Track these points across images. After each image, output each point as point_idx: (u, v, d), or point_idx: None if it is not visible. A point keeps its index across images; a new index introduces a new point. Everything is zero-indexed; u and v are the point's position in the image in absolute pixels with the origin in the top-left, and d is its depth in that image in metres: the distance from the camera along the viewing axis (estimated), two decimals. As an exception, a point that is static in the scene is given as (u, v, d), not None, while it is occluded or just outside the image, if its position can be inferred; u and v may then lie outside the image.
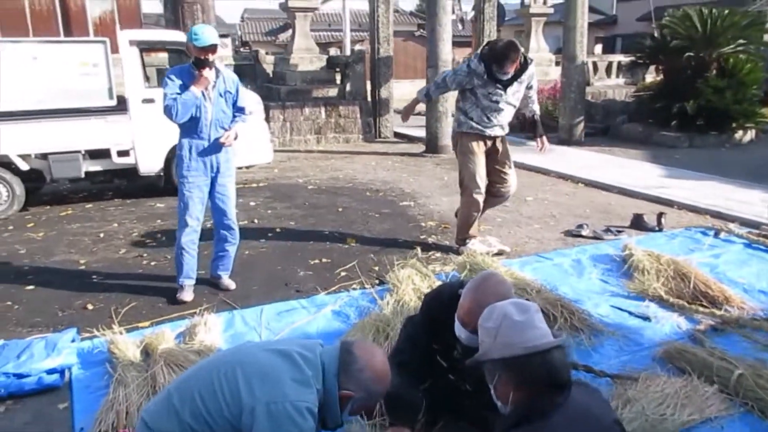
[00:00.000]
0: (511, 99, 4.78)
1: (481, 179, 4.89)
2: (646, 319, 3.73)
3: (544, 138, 5.14)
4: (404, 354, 2.54)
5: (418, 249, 5.08)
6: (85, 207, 6.88)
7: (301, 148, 11.33)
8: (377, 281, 4.38)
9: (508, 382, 1.70)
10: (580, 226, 5.61)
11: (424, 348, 2.47)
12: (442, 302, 2.45)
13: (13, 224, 6.24)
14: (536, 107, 5.13)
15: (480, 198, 4.93)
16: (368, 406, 2.01)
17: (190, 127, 3.97)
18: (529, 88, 4.90)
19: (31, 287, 4.45)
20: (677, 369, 3.09)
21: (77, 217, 6.49)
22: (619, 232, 5.50)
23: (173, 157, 7.14)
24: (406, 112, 5.29)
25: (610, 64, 14.80)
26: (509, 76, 4.62)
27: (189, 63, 3.95)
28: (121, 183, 7.46)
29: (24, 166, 6.49)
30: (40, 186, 7.21)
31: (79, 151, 6.69)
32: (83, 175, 6.77)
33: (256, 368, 1.87)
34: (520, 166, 8.92)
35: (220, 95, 4.01)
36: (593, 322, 3.60)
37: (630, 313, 3.83)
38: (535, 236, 5.55)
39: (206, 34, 3.78)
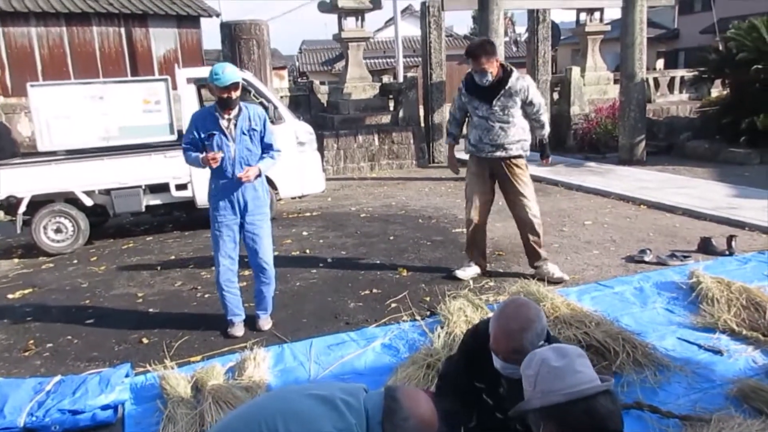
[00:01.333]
0: (500, 115, 4.58)
1: (475, 201, 4.88)
2: (718, 353, 3.48)
3: (549, 159, 5.15)
4: (443, 396, 2.44)
5: (471, 279, 4.95)
6: (146, 240, 7.09)
7: (354, 175, 11.39)
8: (428, 313, 4.28)
9: (574, 429, 1.59)
10: (643, 251, 5.34)
11: (465, 387, 2.37)
12: (478, 337, 2.35)
13: (78, 258, 6.48)
14: (545, 131, 4.90)
15: (473, 218, 4.90)
16: None
17: (215, 167, 3.93)
18: (528, 104, 4.66)
19: (90, 321, 4.58)
20: (753, 409, 2.85)
21: (138, 250, 6.69)
22: (686, 257, 5.20)
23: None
24: (452, 165, 5.24)
25: (672, 80, 14.31)
26: (486, 78, 4.44)
27: (213, 104, 3.97)
28: (179, 215, 7.67)
29: (88, 202, 6.76)
30: (104, 220, 7.51)
31: (140, 186, 6.92)
32: (144, 209, 6.99)
33: (298, 417, 1.80)
34: (577, 188, 8.70)
35: (243, 133, 3.95)
36: (659, 357, 3.37)
37: (699, 346, 3.58)
38: (594, 263, 5.32)
39: (227, 73, 3.78)
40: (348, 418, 1.80)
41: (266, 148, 4.10)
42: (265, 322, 4.26)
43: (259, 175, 4.03)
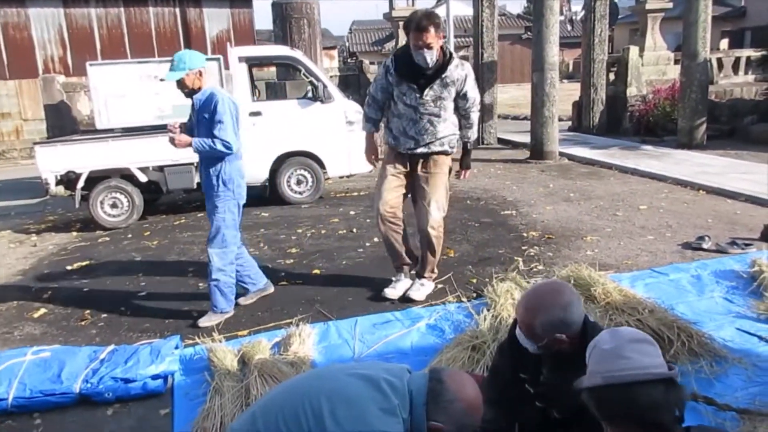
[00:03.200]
0: (431, 107, 3.88)
1: (386, 197, 4.10)
2: (780, 345, 3.31)
3: (468, 172, 4.30)
4: (489, 387, 2.40)
5: (520, 261, 4.85)
6: (197, 216, 7.23)
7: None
8: (474, 295, 4.21)
9: (599, 415, 1.56)
10: (701, 238, 5.12)
11: (510, 378, 2.32)
12: None
13: (132, 233, 6.67)
14: (471, 133, 4.14)
15: (381, 222, 4.16)
16: None
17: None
18: (462, 97, 3.94)
19: (142, 293, 4.71)
20: (818, 406, 2.69)
21: (189, 226, 6.83)
22: (747, 245, 4.96)
23: (278, 168, 7.41)
24: (369, 155, 4.31)
25: (737, 60, 13.61)
26: (431, 57, 3.69)
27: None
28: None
29: (143, 178, 6.93)
30: (157, 197, 7.70)
31: (192, 164, 7.04)
32: (195, 186, 7.12)
33: (342, 396, 1.79)
34: (632, 172, 8.42)
35: (200, 120, 3.94)
36: (716, 347, 3.23)
37: (760, 338, 3.40)
38: (648, 248, 5.14)
39: (168, 75, 3.87)
40: (392, 399, 1.78)
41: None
42: (205, 319, 4.06)
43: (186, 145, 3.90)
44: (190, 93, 3.96)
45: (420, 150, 4.01)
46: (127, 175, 6.94)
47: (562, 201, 7.03)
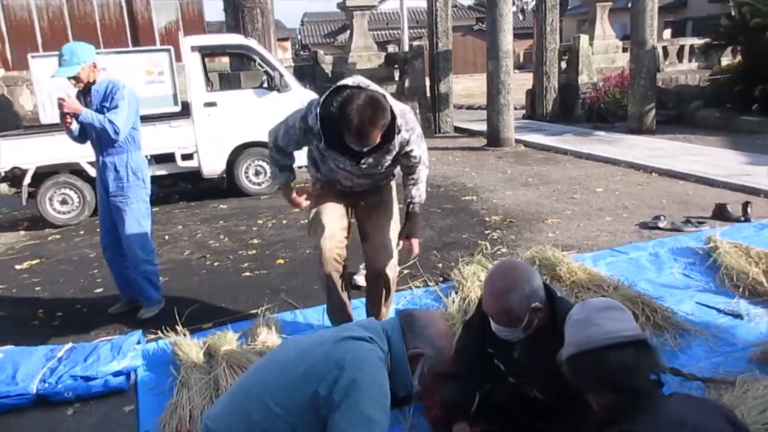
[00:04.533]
0: (370, 169, 2.95)
1: (332, 234, 3.16)
2: (738, 317, 3.41)
3: (416, 242, 3.19)
4: (455, 362, 2.40)
5: (486, 244, 4.87)
6: (153, 211, 6.97)
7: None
8: (441, 279, 4.22)
9: (579, 386, 1.58)
10: (657, 218, 5.26)
11: (476, 354, 2.32)
12: None
13: (84, 229, 6.43)
14: (416, 191, 3.10)
15: (324, 263, 3.18)
16: (438, 367, 1.91)
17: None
18: (404, 156, 2.95)
19: (99, 290, 4.55)
20: (778, 372, 2.79)
21: (144, 220, 6.62)
22: (701, 223, 5.12)
23: (235, 159, 7.26)
24: (295, 203, 3.39)
25: (681, 48, 14.05)
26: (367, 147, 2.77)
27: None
28: (185, 186, 7.59)
29: (93, 173, 6.66)
30: (110, 192, 7.43)
31: (146, 156, 6.81)
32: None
33: (319, 352, 1.75)
34: (587, 157, 8.59)
35: (98, 110, 3.77)
36: (678, 321, 3.31)
37: (719, 310, 3.51)
38: (607, 229, 5.24)
39: (57, 72, 3.74)
40: (362, 332, 1.83)
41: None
42: (144, 311, 4.01)
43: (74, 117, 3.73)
44: (86, 87, 3.79)
45: (360, 189, 3.16)
46: (76, 170, 6.67)
47: (521, 186, 7.12)
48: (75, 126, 3.81)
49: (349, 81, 2.82)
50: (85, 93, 3.82)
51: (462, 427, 2.26)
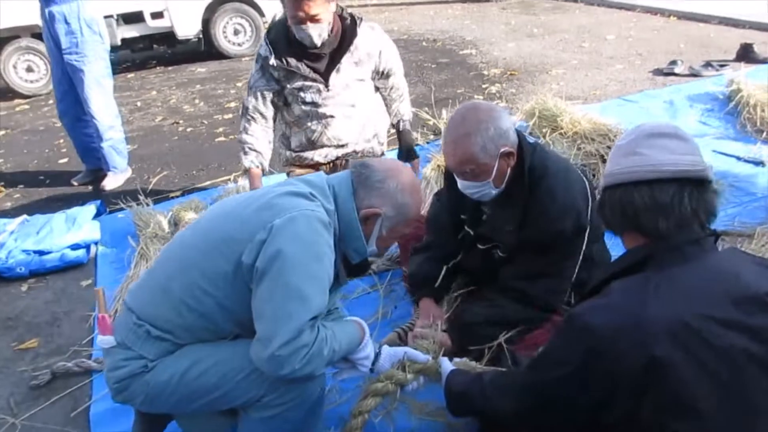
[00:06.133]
0: (344, 96, 2.52)
1: None
2: (759, 164, 3.06)
3: (417, 162, 2.76)
4: (426, 233, 2.10)
5: (481, 99, 4.44)
6: (126, 77, 6.55)
7: (354, 3, 10.40)
8: (431, 136, 3.84)
9: (607, 224, 1.21)
10: (673, 63, 4.73)
11: (447, 223, 2.04)
12: None
13: (54, 98, 5.99)
14: (404, 108, 2.72)
15: None
16: (401, 227, 1.56)
17: None
18: (384, 76, 2.62)
19: (63, 161, 4.24)
20: (801, 222, 2.48)
21: (117, 87, 6.02)
22: (723, 66, 4.59)
23: (210, 17, 6.64)
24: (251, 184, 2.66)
25: None
26: (319, 34, 2.36)
27: None
28: (162, 50, 7.03)
29: (57, 36, 6.11)
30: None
31: (111, 16, 6.22)
32: (119, 42, 6.35)
33: (247, 211, 1.42)
34: (599, 3, 7.84)
35: None
36: (691, 170, 2.96)
37: (738, 158, 3.15)
38: (617, 78, 4.75)
39: None
40: (302, 186, 1.45)
41: None
42: (109, 181, 3.71)
43: None
44: None
45: (339, 152, 2.65)
46: (38, 34, 6.10)
47: (525, 37, 6.50)
48: None
49: None
50: None
51: (428, 303, 2.01)
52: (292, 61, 2.42)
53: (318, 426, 1.58)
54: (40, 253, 2.85)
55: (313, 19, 2.31)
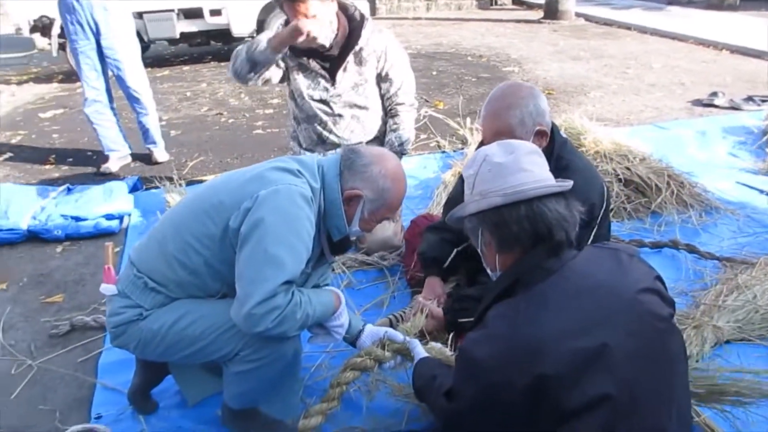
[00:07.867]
0: (351, 96, 2.61)
1: None
2: (780, 198, 3.04)
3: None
4: (443, 214, 2.20)
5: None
6: (182, 69, 6.86)
7: (409, 15, 10.60)
8: (460, 145, 3.93)
9: (491, 243, 1.28)
10: (714, 94, 4.70)
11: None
12: None
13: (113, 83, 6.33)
14: (404, 132, 2.70)
15: None
16: (382, 213, 1.65)
17: None
18: (384, 79, 2.65)
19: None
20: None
21: (171, 77, 6.48)
22: (764, 101, 4.54)
23: (266, 18, 6.89)
24: (291, 32, 2.42)
25: None
26: (325, 37, 2.43)
27: None
28: (218, 47, 7.34)
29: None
30: (143, 48, 7.26)
31: (172, 11, 6.55)
32: (178, 36, 6.67)
33: (239, 182, 1.55)
34: (652, 32, 7.78)
35: None
36: (708, 198, 2.98)
37: (760, 191, 3.14)
38: (654, 105, 4.74)
39: None
40: (291, 162, 1.58)
41: None
42: (159, 155, 3.97)
43: None
44: None
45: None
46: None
47: (569, 59, 6.52)
48: None
49: None
50: None
51: (434, 281, 2.11)
52: (304, 59, 2.54)
53: (295, 388, 1.71)
54: (77, 219, 3.06)
55: (300, 13, 2.31)
